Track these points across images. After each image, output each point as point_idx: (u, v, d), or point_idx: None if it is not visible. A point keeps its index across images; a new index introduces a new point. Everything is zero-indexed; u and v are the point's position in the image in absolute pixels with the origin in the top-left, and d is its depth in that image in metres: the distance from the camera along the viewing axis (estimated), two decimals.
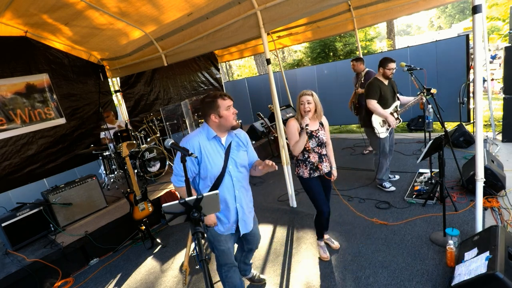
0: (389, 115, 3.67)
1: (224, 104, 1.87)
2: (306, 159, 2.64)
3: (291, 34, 7.01)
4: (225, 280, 2.23)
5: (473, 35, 2.19)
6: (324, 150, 2.69)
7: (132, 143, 5.12)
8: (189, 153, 1.65)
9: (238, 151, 2.02)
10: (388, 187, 3.94)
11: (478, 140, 2.38)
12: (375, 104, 3.61)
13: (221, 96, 1.89)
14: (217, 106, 1.87)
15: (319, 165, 2.62)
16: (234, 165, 1.99)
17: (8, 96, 4.76)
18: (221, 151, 1.96)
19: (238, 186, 2.03)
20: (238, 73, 22.49)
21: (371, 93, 3.64)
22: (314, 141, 2.61)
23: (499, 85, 8.18)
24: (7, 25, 4.55)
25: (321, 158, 2.65)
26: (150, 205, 3.80)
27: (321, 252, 2.89)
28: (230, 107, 1.89)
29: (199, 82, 8.37)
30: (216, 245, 2.11)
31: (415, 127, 6.43)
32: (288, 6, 3.23)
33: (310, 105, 2.52)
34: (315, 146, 2.62)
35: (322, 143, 2.65)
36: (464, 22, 21.55)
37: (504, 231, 2.22)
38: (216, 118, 1.89)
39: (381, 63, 3.70)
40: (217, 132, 1.94)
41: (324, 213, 2.71)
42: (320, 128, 2.66)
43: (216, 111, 1.87)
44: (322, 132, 2.65)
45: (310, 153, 2.61)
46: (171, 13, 4.05)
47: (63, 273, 3.35)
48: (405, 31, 45.93)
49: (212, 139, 1.93)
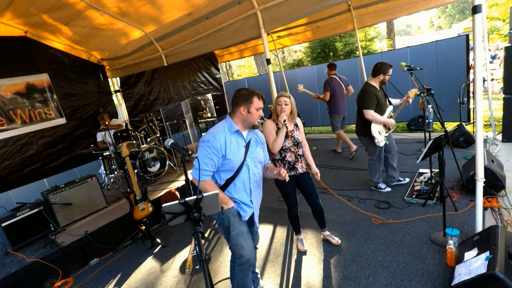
0: (387, 119, 3.64)
1: (257, 104, 1.99)
2: (283, 158, 2.75)
3: (291, 34, 7.01)
4: (236, 274, 2.16)
5: (473, 35, 2.19)
6: (301, 151, 2.79)
7: (132, 143, 5.12)
8: (189, 153, 1.65)
9: (256, 147, 2.14)
10: (384, 187, 3.94)
11: (478, 140, 2.38)
12: (373, 114, 3.53)
13: (258, 95, 2.01)
14: (251, 101, 1.97)
15: (295, 164, 2.74)
16: (252, 159, 2.09)
17: (8, 96, 4.76)
18: (242, 145, 2.05)
19: (253, 181, 2.11)
20: (238, 73, 22.49)
21: (369, 103, 3.52)
22: (290, 141, 2.72)
23: (499, 85, 8.18)
24: (7, 25, 4.55)
25: (297, 158, 2.75)
26: (150, 205, 3.80)
27: (299, 245, 3.07)
28: (260, 109, 2.01)
29: (199, 82, 8.37)
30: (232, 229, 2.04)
31: (415, 127, 6.44)
32: (288, 6, 3.23)
33: (286, 106, 2.65)
34: (291, 146, 2.72)
35: (298, 143, 2.76)
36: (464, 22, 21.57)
37: (504, 231, 2.22)
38: (244, 112, 1.99)
39: (379, 69, 3.56)
40: (239, 127, 2.02)
41: (293, 209, 2.88)
42: (295, 128, 2.79)
43: (248, 106, 1.97)
44: (297, 133, 2.78)
45: (286, 152, 2.73)
46: (171, 13, 4.05)
47: (63, 273, 3.35)
48: (405, 31, 45.94)
49: (234, 133, 2.01)
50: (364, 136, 3.75)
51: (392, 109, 3.78)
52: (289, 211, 2.92)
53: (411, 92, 3.62)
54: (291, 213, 2.92)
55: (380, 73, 3.57)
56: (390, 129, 3.73)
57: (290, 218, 2.97)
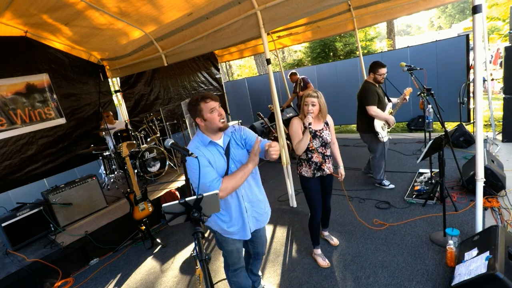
0: (389, 116, 3.70)
1: (207, 106, 1.81)
2: (309, 158, 2.61)
3: (291, 34, 7.01)
4: (230, 279, 2.22)
5: (473, 35, 2.19)
6: (328, 151, 2.65)
7: (132, 143, 5.12)
8: (189, 153, 1.63)
9: (237, 150, 1.98)
10: (388, 184, 3.97)
11: (478, 140, 2.38)
12: (376, 109, 3.59)
13: (203, 99, 1.82)
14: (200, 109, 1.82)
15: (322, 165, 2.59)
16: (235, 165, 1.94)
17: (8, 96, 4.75)
18: (222, 152, 1.92)
19: (243, 185, 1.95)
20: (238, 73, 22.49)
21: (371, 99, 3.58)
22: (318, 141, 2.58)
23: (499, 85, 8.18)
24: (7, 25, 4.55)
25: (324, 158, 2.61)
26: (150, 205, 3.80)
27: (320, 260, 2.79)
28: (214, 109, 1.81)
29: (199, 82, 8.37)
30: (224, 246, 2.08)
31: (415, 127, 6.43)
32: (288, 6, 3.23)
33: (314, 107, 2.48)
34: (319, 146, 2.59)
35: (326, 143, 2.62)
36: (464, 22, 21.56)
37: (504, 231, 2.22)
38: (201, 122, 1.85)
39: (371, 68, 3.66)
40: (211, 136, 1.90)
41: (317, 215, 2.68)
42: (324, 127, 2.62)
43: (200, 115, 1.83)
44: (326, 132, 2.61)
45: (313, 153, 2.59)
46: (171, 13, 4.05)
47: (63, 273, 3.35)
48: (405, 31, 45.93)
49: (209, 145, 1.88)
50: (368, 133, 3.79)
51: (392, 106, 3.83)
52: (312, 218, 2.70)
53: (407, 91, 3.67)
54: (313, 220, 2.70)
55: (371, 72, 3.67)
56: (390, 125, 3.77)
57: (310, 226, 2.75)
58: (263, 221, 2.15)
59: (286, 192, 4.08)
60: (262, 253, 2.35)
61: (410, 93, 3.68)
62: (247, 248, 2.36)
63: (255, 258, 2.39)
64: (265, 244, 2.35)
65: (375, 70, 3.61)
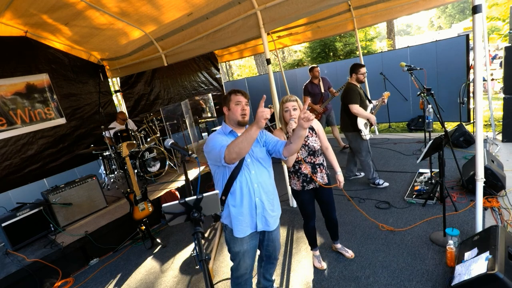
0: (371, 114, 3.87)
1: (235, 99, 1.95)
2: (297, 170, 2.42)
3: (291, 34, 7.01)
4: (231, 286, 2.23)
5: (473, 35, 2.19)
6: (319, 159, 2.45)
7: (132, 143, 5.12)
8: (189, 153, 1.65)
9: (256, 146, 2.03)
10: (382, 183, 4.00)
11: (478, 140, 2.38)
12: (358, 107, 3.78)
13: (235, 91, 1.99)
14: (228, 99, 1.97)
15: (313, 176, 2.40)
16: (251, 158, 1.98)
17: (8, 96, 4.76)
18: None
19: (257, 180, 1.98)
20: (238, 73, 22.49)
21: (353, 98, 3.78)
22: (304, 150, 2.40)
23: (499, 85, 8.18)
24: (7, 25, 4.55)
25: (315, 168, 2.42)
26: (150, 205, 3.80)
27: (315, 262, 2.76)
28: (239, 103, 1.94)
29: (199, 82, 8.38)
30: (231, 247, 2.06)
31: (415, 127, 6.43)
32: (288, 6, 3.23)
33: (295, 111, 2.28)
34: (306, 156, 2.40)
35: (315, 151, 2.42)
36: (464, 22, 21.56)
37: (504, 231, 2.22)
38: (227, 111, 2.00)
39: (352, 69, 3.91)
40: (233, 127, 2.00)
41: (311, 222, 2.61)
42: (310, 134, 2.42)
43: (227, 104, 1.97)
44: (313, 139, 2.41)
45: (301, 164, 2.39)
46: (171, 13, 4.05)
47: (63, 273, 3.35)
48: (405, 31, 45.94)
49: (229, 134, 1.98)
50: (351, 131, 3.94)
51: (372, 107, 4.03)
52: (305, 224, 2.64)
53: (385, 94, 3.94)
54: (307, 226, 2.64)
55: (352, 73, 3.91)
56: (372, 124, 3.92)
57: (305, 231, 2.70)
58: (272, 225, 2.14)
59: (286, 192, 4.07)
60: (274, 257, 2.33)
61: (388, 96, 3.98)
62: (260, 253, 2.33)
63: (267, 262, 2.36)
64: (278, 249, 2.31)
65: (356, 71, 3.86)
